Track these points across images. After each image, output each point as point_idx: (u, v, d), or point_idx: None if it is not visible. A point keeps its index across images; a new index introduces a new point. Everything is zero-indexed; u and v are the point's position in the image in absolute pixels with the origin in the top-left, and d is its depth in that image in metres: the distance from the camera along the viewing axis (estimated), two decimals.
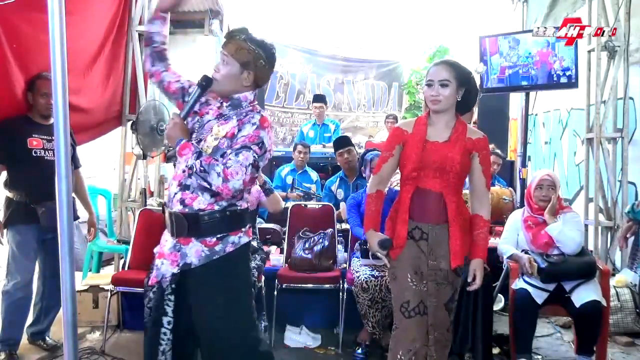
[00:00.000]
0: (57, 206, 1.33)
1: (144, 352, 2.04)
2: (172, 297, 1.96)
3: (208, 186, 1.86)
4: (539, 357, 3.08)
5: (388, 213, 2.23)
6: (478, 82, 2.21)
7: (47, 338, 3.07)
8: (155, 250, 2.06)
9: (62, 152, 1.76)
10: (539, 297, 2.79)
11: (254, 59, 1.92)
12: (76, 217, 3.19)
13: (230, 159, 1.84)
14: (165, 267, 1.95)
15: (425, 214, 2.11)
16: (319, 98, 6.26)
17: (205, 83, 1.92)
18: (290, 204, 3.90)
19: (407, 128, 2.17)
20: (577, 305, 2.71)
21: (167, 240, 2.00)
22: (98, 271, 4.28)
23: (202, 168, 1.83)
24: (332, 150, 5.43)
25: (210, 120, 1.99)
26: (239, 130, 1.90)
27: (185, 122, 1.97)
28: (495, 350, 3.04)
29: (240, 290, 2.02)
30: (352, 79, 9.63)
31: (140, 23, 3.98)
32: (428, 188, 2.10)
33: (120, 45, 3.86)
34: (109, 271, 4.42)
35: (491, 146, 3.36)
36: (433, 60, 9.46)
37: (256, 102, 2.03)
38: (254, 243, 3.29)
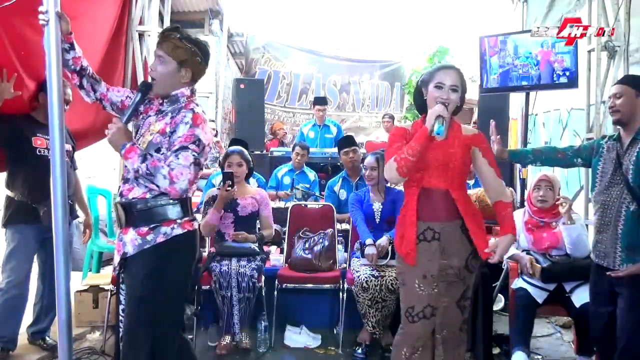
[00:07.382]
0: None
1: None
2: (122, 287, 2.06)
3: (156, 188, 1.91)
4: (539, 357, 3.08)
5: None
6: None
7: (47, 338, 3.06)
8: None
9: (57, 153, 1.76)
10: (539, 296, 2.79)
11: (191, 56, 2.00)
12: (75, 217, 3.19)
13: (172, 161, 1.88)
14: (115, 257, 2.06)
15: (435, 213, 2.11)
16: (322, 100, 6.21)
17: (145, 87, 2.04)
18: (290, 204, 3.90)
19: (408, 128, 2.22)
20: (577, 305, 2.72)
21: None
22: (98, 271, 4.28)
23: (148, 171, 1.87)
24: (332, 151, 5.46)
25: (150, 117, 2.05)
26: (173, 131, 1.93)
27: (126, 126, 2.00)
28: (495, 351, 3.05)
29: (169, 282, 1.96)
30: (359, 79, 9.60)
31: (140, 23, 3.98)
32: (433, 187, 2.11)
33: (120, 46, 3.85)
34: (109, 271, 4.40)
35: None
36: (432, 60, 9.45)
37: (194, 97, 2.07)
38: (254, 246, 3.29)
